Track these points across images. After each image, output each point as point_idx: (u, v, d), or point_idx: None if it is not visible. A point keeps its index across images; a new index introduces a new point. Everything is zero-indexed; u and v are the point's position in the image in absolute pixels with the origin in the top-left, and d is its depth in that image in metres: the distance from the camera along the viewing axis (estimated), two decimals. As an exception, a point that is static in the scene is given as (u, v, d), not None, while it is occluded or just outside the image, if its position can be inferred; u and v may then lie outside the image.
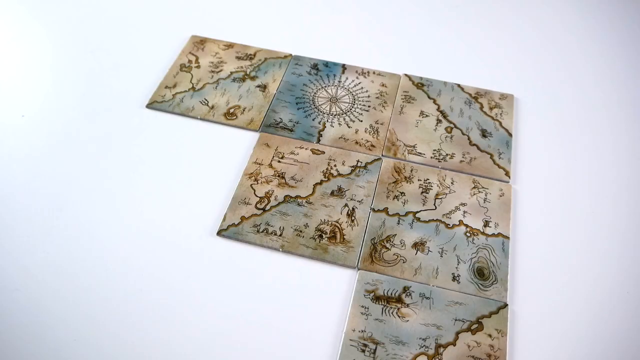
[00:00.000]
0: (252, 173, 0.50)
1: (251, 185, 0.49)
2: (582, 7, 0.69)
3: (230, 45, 0.62)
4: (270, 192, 0.49)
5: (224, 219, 0.47)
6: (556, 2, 0.70)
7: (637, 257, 0.46)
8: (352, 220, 0.47)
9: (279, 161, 0.51)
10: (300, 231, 0.46)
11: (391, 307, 0.43)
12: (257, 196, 0.49)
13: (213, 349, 0.40)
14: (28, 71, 0.59)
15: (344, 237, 0.46)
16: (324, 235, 0.46)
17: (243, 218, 0.47)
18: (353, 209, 0.48)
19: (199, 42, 0.62)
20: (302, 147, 0.52)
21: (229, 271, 0.44)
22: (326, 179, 0.50)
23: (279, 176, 0.50)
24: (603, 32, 0.66)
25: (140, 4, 0.67)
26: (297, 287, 0.44)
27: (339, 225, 0.47)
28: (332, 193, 0.49)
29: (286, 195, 0.49)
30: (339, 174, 0.50)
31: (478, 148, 0.53)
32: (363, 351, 0.40)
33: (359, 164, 0.51)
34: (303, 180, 0.50)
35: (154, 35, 0.63)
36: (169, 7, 0.67)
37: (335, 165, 0.51)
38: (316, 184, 0.50)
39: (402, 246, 0.46)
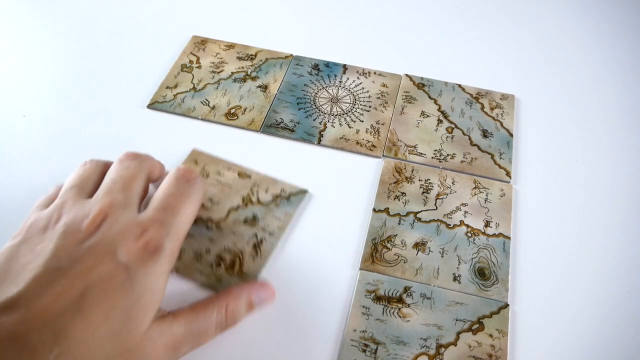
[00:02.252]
0: None
1: None
2: (583, 7, 0.69)
3: (231, 46, 0.62)
4: None
5: None
6: (557, 3, 0.70)
7: (638, 257, 0.46)
8: (257, 253, 0.45)
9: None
10: (200, 256, 0.45)
11: (392, 307, 0.43)
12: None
13: (213, 348, 0.40)
14: (29, 71, 0.60)
15: (243, 268, 0.44)
16: (222, 263, 0.44)
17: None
18: (261, 240, 0.46)
19: (200, 43, 0.62)
20: (230, 169, 0.50)
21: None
22: (244, 205, 0.48)
23: None
24: (605, 32, 0.66)
25: (141, 4, 0.67)
26: (297, 286, 0.44)
27: (240, 256, 0.45)
28: (245, 221, 0.47)
29: (198, 217, 0.46)
30: (259, 202, 0.48)
31: (479, 148, 0.53)
32: (364, 351, 0.40)
33: (282, 193, 0.49)
34: (219, 204, 0.48)
35: (154, 35, 0.64)
36: (170, 7, 0.67)
37: (257, 192, 0.49)
38: (232, 209, 0.48)
39: (403, 246, 0.46)
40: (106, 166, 0.42)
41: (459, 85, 0.58)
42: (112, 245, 0.34)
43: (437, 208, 0.48)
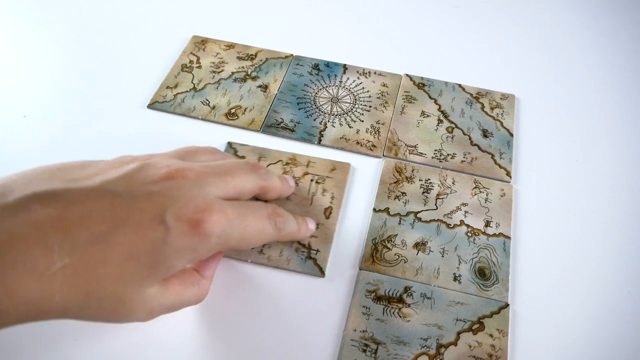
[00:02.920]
0: None
1: None
2: (584, 7, 0.69)
3: (231, 46, 0.62)
4: None
5: None
6: (558, 2, 0.70)
7: (638, 257, 0.46)
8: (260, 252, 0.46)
9: None
10: None
11: (392, 307, 0.43)
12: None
13: (213, 348, 0.40)
14: (29, 71, 0.60)
15: None
16: None
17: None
18: None
19: (200, 43, 0.62)
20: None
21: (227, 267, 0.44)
22: None
23: None
24: (605, 32, 0.66)
25: (141, 4, 0.67)
26: (297, 286, 0.44)
27: None
28: None
29: None
30: None
31: (479, 148, 0.53)
32: (364, 351, 0.40)
33: None
34: None
35: (155, 35, 0.64)
36: (170, 7, 0.67)
37: None
38: None
39: (404, 246, 0.46)
40: (219, 155, 0.44)
41: (459, 85, 0.58)
42: (168, 202, 0.34)
43: (437, 208, 0.48)
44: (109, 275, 0.32)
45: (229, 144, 0.53)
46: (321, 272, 0.44)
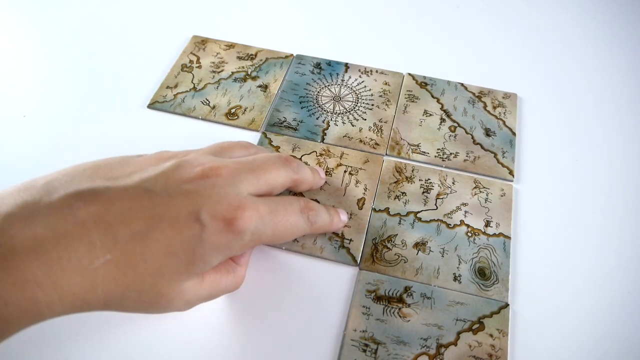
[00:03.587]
0: None
1: None
2: (587, 5, 0.69)
3: (231, 46, 0.62)
4: None
5: None
6: (560, 1, 0.69)
7: (638, 257, 0.46)
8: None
9: None
10: None
11: (392, 307, 0.42)
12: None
13: (213, 348, 0.40)
14: (29, 71, 0.60)
15: None
16: None
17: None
18: None
19: (200, 42, 0.62)
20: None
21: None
22: None
23: None
24: (608, 30, 0.66)
25: (141, 4, 0.67)
26: (297, 286, 0.44)
27: None
28: None
29: None
30: None
31: (482, 147, 0.53)
32: (364, 351, 0.40)
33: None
34: None
35: (155, 35, 0.63)
36: (170, 7, 0.67)
37: None
38: None
39: (404, 246, 0.46)
40: (253, 150, 0.45)
41: (462, 84, 0.58)
42: (203, 200, 0.35)
43: (437, 208, 0.48)
44: (147, 270, 0.34)
45: (264, 134, 0.53)
46: (354, 261, 0.45)
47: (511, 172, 0.51)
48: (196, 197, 0.35)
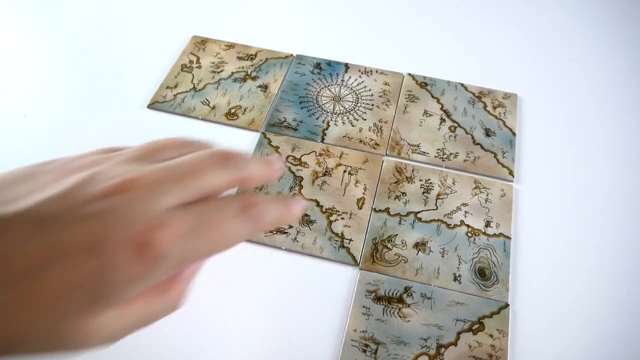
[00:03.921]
0: None
1: None
2: (587, 5, 0.69)
3: (231, 46, 0.62)
4: None
5: None
6: (560, 2, 0.69)
7: (638, 257, 0.46)
8: None
9: None
10: None
11: (392, 308, 0.42)
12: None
13: (213, 348, 0.40)
14: (29, 71, 0.60)
15: None
16: None
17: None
18: None
19: (200, 43, 0.62)
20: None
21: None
22: None
23: None
24: (608, 30, 0.66)
25: (141, 4, 0.67)
26: (297, 286, 0.44)
27: None
28: None
29: None
30: None
31: (482, 147, 0.53)
32: (364, 351, 0.40)
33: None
34: None
35: (154, 35, 0.63)
36: (170, 7, 0.67)
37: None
38: None
39: (404, 246, 0.46)
40: (194, 147, 0.37)
41: (462, 84, 0.58)
42: (110, 223, 0.29)
43: (437, 208, 0.48)
44: (43, 313, 0.28)
45: (264, 134, 0.53)
46: (354, 261, 0.45)
47: (511, 172, 0.51)
48: (103, 220, 0.29)
